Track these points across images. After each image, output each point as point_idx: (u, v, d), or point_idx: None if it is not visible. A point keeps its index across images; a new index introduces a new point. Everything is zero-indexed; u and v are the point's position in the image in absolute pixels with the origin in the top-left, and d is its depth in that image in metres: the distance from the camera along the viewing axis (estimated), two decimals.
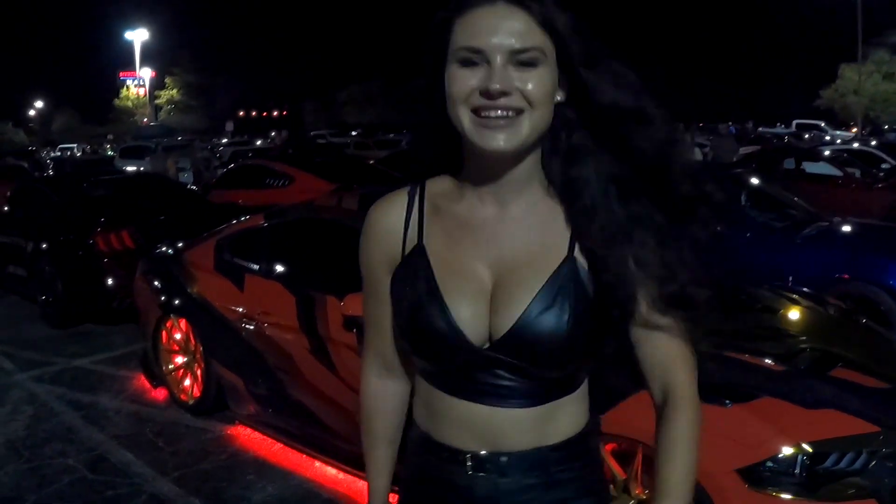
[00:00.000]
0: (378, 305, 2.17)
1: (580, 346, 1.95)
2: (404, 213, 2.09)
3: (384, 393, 2.29)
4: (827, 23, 73.30)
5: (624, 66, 1.94)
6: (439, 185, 2.11)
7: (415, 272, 2.02)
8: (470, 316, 1.95)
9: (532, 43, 1.84)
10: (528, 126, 1.85)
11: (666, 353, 1.95)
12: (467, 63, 1.86)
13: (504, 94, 1.82)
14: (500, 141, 1.84)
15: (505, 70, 1.82)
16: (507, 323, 1.92)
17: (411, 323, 2.00)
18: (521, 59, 1.83)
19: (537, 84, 1.84)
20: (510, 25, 1.84)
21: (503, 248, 1.99)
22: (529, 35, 1.84)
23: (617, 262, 1.90)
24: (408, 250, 2.06)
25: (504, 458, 1.99)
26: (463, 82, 1.86)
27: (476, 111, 1.85)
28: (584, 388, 2.10)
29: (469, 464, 2.00)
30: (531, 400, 1.98)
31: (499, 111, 1.83)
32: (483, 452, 1.99)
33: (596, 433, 2.20)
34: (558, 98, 1.94)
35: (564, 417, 2.05)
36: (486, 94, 1.82)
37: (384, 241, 2.10)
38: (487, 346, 1.95)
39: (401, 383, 2.28)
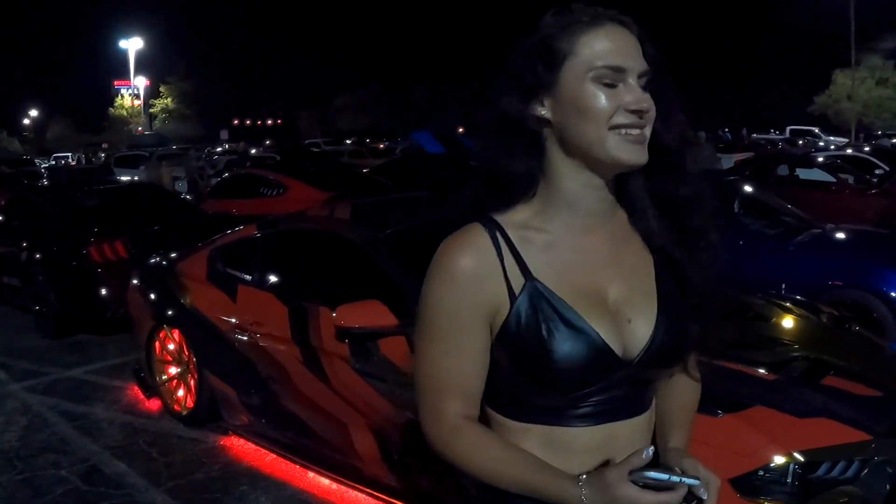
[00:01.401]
0: (460, 360, 2.00)
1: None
2: (495, 253, 1.96)
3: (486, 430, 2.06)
4: (820, 29, 73.43)
5: (677, 107, 2.03)
6: (513, 217, 2.02)
7: (541, 308, 1.92)
8: (612, 335, 1.95)
9: (648, 66, 1.92)
10: (647, 141, 1.92)
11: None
12: (605, 80, 1.88)
13: (648, 112, 1.88)
14: (640, 155, 1.90)
15: (642, 90, 1.89)
16: (644, 335, 1.98)
17: (558, 357, 1.89)
18: (643, 82, 1.90)
19: (652, 105, 1.91)
20: (636, 48, 1.92)
21: (609, 264, 2.04)
22: (644, 58, 1.92)
23: (684, 258, 2.05)
24: (516, 289, 1.94)
25: None
26: (608, 99, 1.87)
27: (616, 128, 1.87)
28: None
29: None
30: (643, 406, 2.07)
31: (638, 129, 1.88)
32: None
33: None
34: None
35: (654, 416, 2.18)
36: (637, 112, 1.87)
37: (482, 288, 1.95)
38: (634, 360, 1.98)
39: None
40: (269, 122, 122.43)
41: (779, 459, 3.98)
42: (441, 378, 2.01)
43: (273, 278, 6.61)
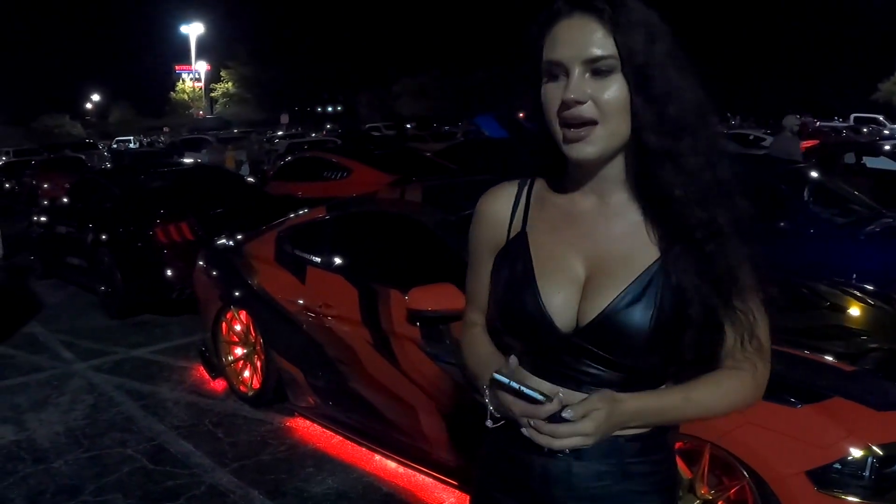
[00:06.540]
0: (477, 282, 2.37)
1: (662, 342, 2.01)
2: (512, 202, 2.26)
3: (483, 333, 2.39)
4: (884, 14, 72.34)
5: (684, 78, 1.98)
6: (546, 180, 2.25)
7: (514, 256, 2.16)
8: (560, 302, 2.05)
9: (606, 51, 1.92)
10: (606, 134, 1.95)
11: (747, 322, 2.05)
12: (552, 76, 1.97)
13: (578, 103, 1.90)
14: (581, 151, 1.96)
15: (581, 80, 1.92)
16: (593, 312, 2.01)
17: (505, 303, 2.15)
18: (596, 69, 1.91)
19: (612, 92, 1.92)
20: (585, 35, 1.93)
21: (599, 241, 2.09)
22: (603, 43, 1.92)
23: (693, 260, 1.98)
24: (512, 236, 2.21)
25: None
26: (549, 96, 1.98)
27: (562, 123, 1.94)
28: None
29: None
30: (613, 389, 2.01)
31: (576, 122, 1.92)
32: None
33: (674, 431, 2.22)
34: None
35: None
36: (563, 105, 1.92)
37: (491, 226, 2.27)
38: (573, 332, 2.03)
39: None
40: (329, 107, 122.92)
41: (856, 453, 3.90)
42: (468, 292, 2.46)
43: (343, 260, 6.59)
